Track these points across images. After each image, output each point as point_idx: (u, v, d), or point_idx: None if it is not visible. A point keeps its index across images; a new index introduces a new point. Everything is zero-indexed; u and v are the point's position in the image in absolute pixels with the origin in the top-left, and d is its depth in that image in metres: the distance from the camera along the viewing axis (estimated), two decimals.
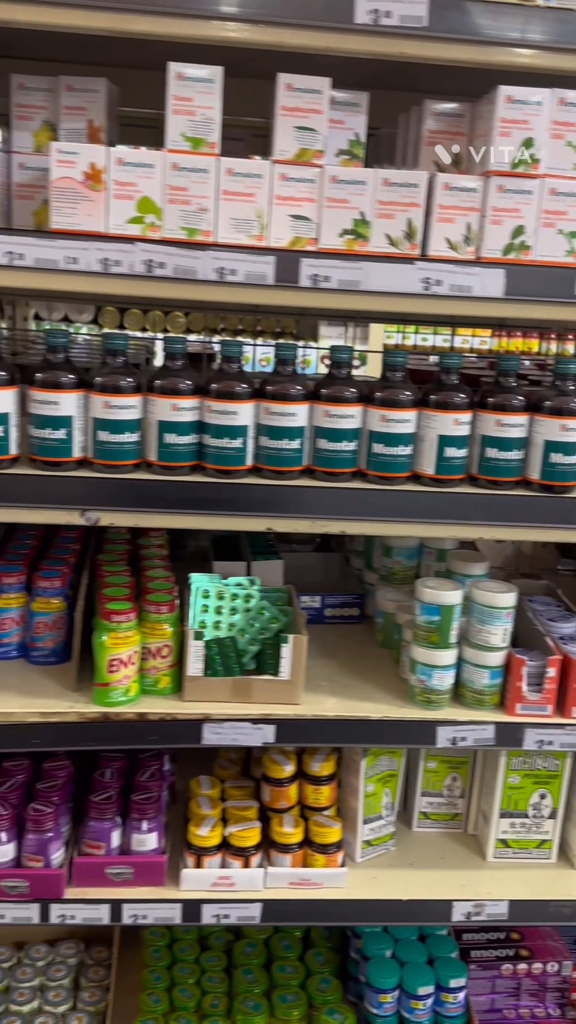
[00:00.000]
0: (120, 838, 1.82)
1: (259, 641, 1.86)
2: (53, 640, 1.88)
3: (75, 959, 2.15)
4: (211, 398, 1.64)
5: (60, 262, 1.50)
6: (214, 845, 1.82)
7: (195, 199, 1.52)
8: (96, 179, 1.49)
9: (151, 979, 2.05)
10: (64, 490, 1.62)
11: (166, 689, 1.79)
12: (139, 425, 1.64)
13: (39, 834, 1.75)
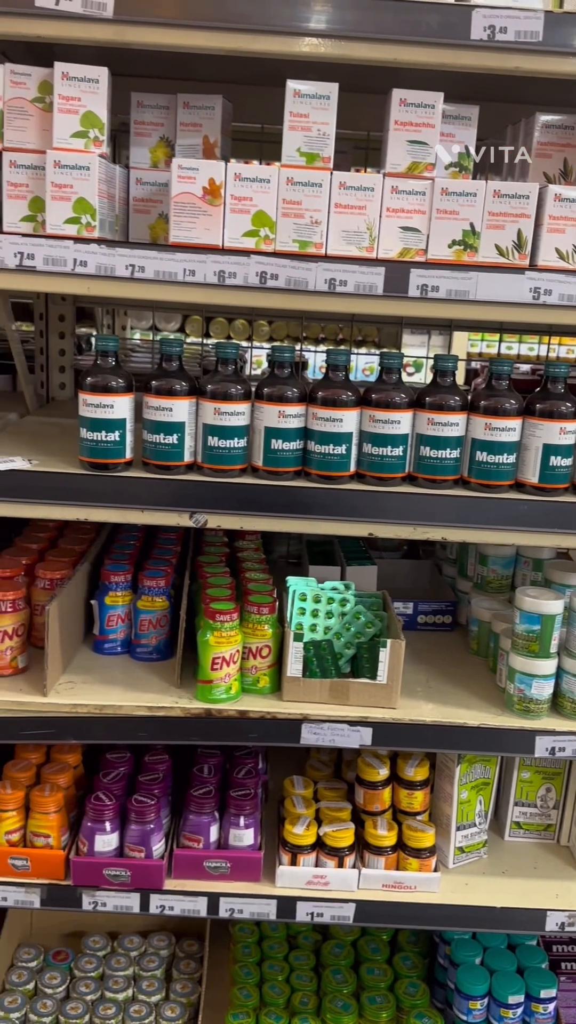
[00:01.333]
0: (218, 833, 1.87)
1: (355, 645, 1.89)
2: (156, 637, 1.94)
3: (167, 951, 2.21)
4: (317, 405, 1.68)
5: (179, 274, 1.56)
6: (309, 844, 1.85)
7: (308, 212, 1.57)
8: (215, 194, 1.55)
9: (241, 974, 2.09)
10: (174, 493, 1.68)
11: (265, 688, 1.83)
12: (247, 431, 1.69)
13: (142, 825, 1.81)
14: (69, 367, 2.45)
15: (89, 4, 1.44)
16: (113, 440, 1.67)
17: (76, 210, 1.55)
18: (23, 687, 1.80)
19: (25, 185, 1.58)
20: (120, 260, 1.55)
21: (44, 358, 2.41)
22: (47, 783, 1.87)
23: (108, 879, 1.81)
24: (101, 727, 1.76)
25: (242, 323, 5.33)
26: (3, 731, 1.76)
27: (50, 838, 1.82)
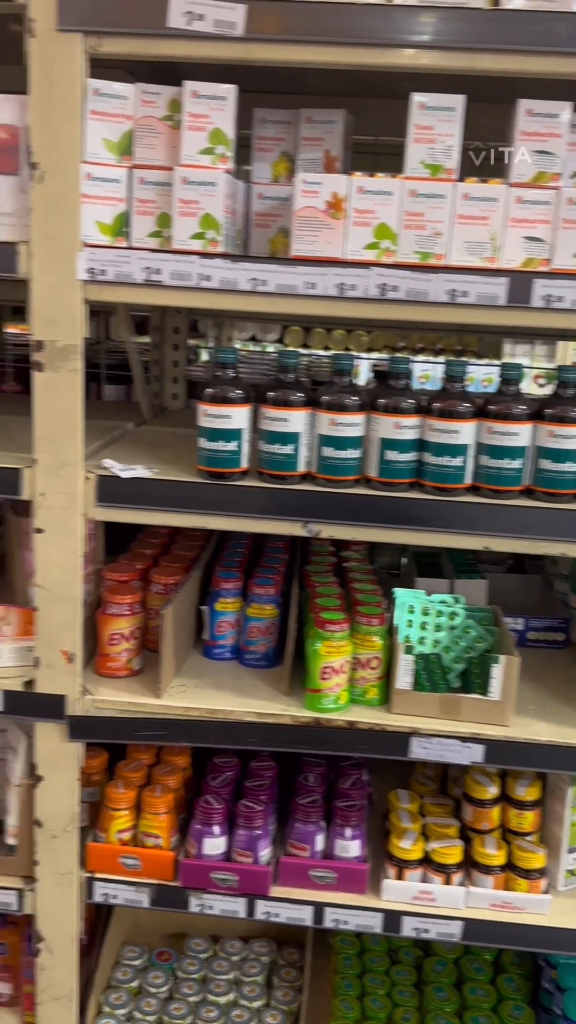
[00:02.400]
0: (324, 842, 1.87)
1: (465, 660, 1.87)
2: (265, 644, 1.96)
3: (268, 958, 2.22)
4: (433, 417, 1.67)
5: (299, 287, 1.58)
6: (416, 859, 1.84)
7: (430, 224, 1.56)
8: (337, 207, 1.56)
9: (343, 985, 2.08)
10: (289, 502, 1.70)
11: (373, 700, 1.83)
12: (361, 442, 1.70)
13: (250, 830, 1.83)
14: (182, 378, 2.50)
15: (220, 24, 1.48)
16: (230, 450, 1.70)
17: (202, 226, 1.59)
18: (137, 688, 1.84)
19: (153, 201, 1.62)
20: (243, 274, 1.58)
21: (159, 369, 2.47)
22: (158, 784, 1.91)
23: (215, 883, 1.83)
24: (212, 731, 1.79)
25: (340, 333, 5.35)
26: (119, 731, 1.81)
27: (160, 839, 1.86)
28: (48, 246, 1.59)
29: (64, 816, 1.84)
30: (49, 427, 1.69)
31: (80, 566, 1.76)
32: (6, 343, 2.84)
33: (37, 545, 1.75)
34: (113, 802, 1.87)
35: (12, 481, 1.73)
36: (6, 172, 1.61)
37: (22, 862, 1.89)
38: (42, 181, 1.56)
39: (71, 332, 1.64)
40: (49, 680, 1.79)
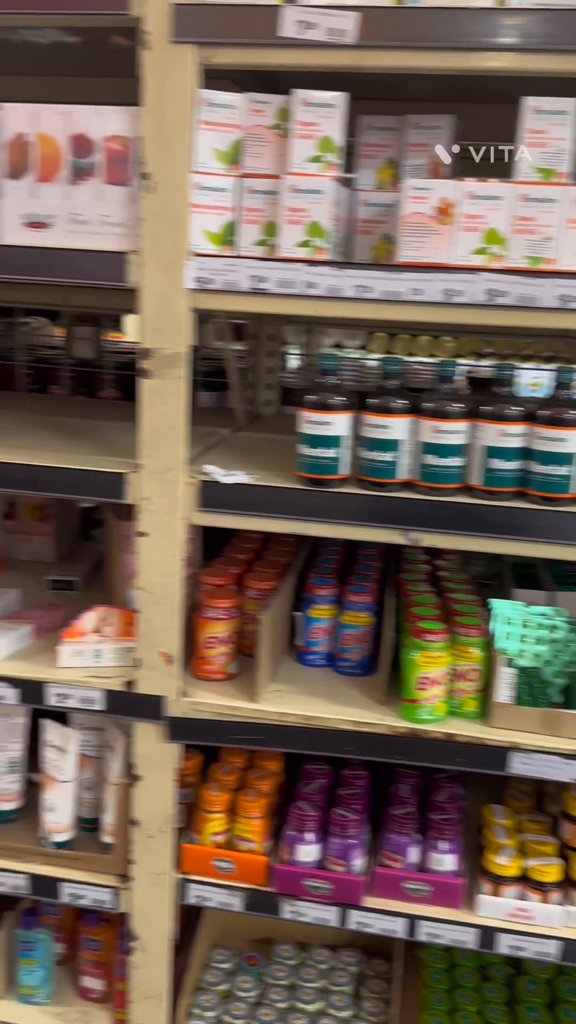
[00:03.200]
0: (418, 855, 1.85)
1: (567, 675, 1.82)
2: (360, 652, 1.95)
3: (356, 968, 2.20)
4: (541, 425, 1.64)
5: (404, 293, 1.57)
6: (512, 876, 1.80)
7: (541, 228, 1.54)
8: (446, 213, 1.55)
9: (432, 1000, 2.05)
10: (389, 510, 1.69)
11: (471, 713, 1.80)
12: (465, 450, 1.68)
13: (344, 839, 1.82)
14: (276, 385, 2.52)
15: (332, 32, 1.48)
16: (331, 457, 1.70)
17: (308, 233, 1.60)
18: (233, 692, 1.85)
19: (260, 210, 1.64)
20: (348, 281, 1.58)
21: (253, 376, 2.49)
22: (252, 788, 1.91)
23: (308, 890, 1.83)
24: (307, 738, 1.79)
25: (426, 339, 5.30)
26: (215, 733, 1.82)
27: (254, 843, 1.87)
28: (158, 255, 1.62)
29: (160, 816, 1.86)
30: (154, 433, 1.72)
31: (181, 569, 1.78)
32: (104, 351, 2.91)
33: (140, 548, 1.78)
34: (208, 805, 1.88)
35: (117, 485, 1.76)
36: (117, 183, 1.65)
37: (118, 860, 1.92)
38: (153, 191, 1.59)
39: (178, 340, 1.66)
40: (149, 681, 1.82)
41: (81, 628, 1.92)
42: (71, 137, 1.64)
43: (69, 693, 1.85)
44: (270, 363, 2.50)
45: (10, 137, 1.65)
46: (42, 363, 2.84)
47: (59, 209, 1.67)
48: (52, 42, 2.17)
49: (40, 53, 2.15)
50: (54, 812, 1.95)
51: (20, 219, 1.68)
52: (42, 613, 2.09)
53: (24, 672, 1.88)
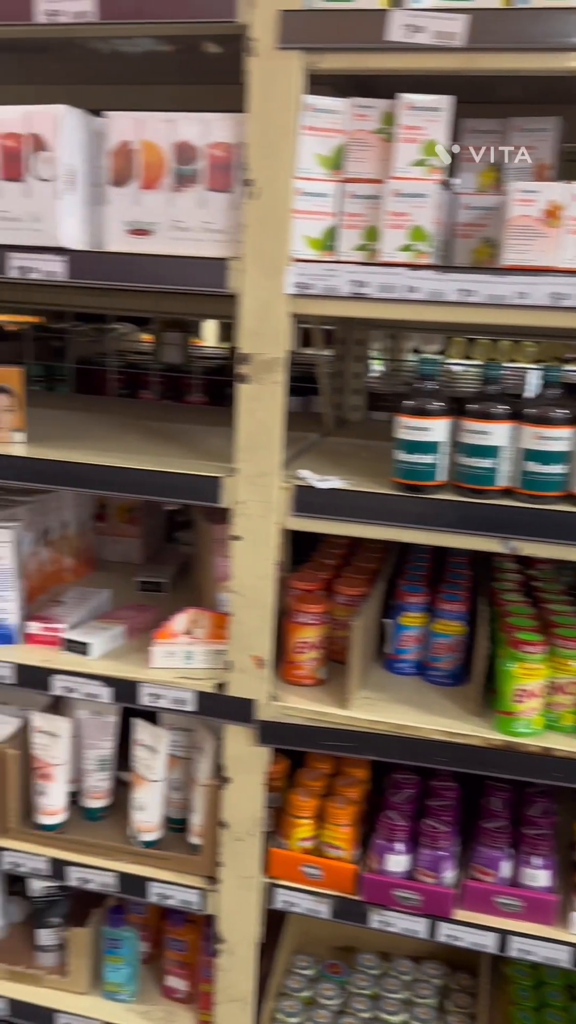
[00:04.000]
0: (509, 869, 1.81)
1: None
2: (451, 662, 1.93)
3: (440, 981, 2.18)
4: None
5: (509, 297, 1.55)
6: None
7: None
8: (554, 216, 1.52)
9: (519, 1017, 2.01)
10: (488, 517, 1.66)
11: (569, 727, 1.75)
12: (568, 457, 1.64)
13: (434, 850, 1.80)
14: (362, 390, 2.51)
15: (440, 35, 1.47)
16: (428, 463, 1.68)
17: (411, 237, 1.58)
18: (323, 698, 1.85)
19: (361, 215, 1.63)
20: (451, 285, 1.56)
21: (340, 381, 2.49)
22: (341, 795, 1.90)
23: (397, 900, 1.81)
24: (399, 747, 1.77)
25: (507, 344, 5.23)
26: (306, 739, 1.82)
27: (342, 851, 1.85)
28: (259, 262, 1.63)
29: (249, 819, 1.87)
30: (250, 438, 1.72)
31: (273, 574, 1.79)
32: (192, 356, 2.94)
33: (233, 552, 1.78)
34: (296, 810, 1.88)
35: (213, 489, 1.77)
36: (219, 189, 1.66)
37: (206, 862, 1.93)
38: (256, 197, 1.60)
39: (276, 345, 1.67)
40: (240, 684, 1.83)
41: (172, 629, 1.94)
42: (175, 144, 1.66)
43: (162, 693, 1.87)
44: (357, 368, 2.49)
45: (115, 145, 1.68)
46: (131, 368, 2.88)
47: (161, 216, 1.69)
48: (143, 51, 2.21)
49: (128, 62, 2.19)
50: (143, 811, 1.97)
51: (123, 226, 1.71)
52: (133, 614, 2.12)
53: (118, 671, 1.90)
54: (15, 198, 1.69)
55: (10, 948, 2.21)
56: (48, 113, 1.64)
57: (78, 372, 2.91)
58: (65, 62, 2.21)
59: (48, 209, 1.67)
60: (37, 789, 2.01)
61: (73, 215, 1.70)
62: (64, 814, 2.03)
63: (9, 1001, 2.09)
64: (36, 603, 2.15)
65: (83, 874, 1.97)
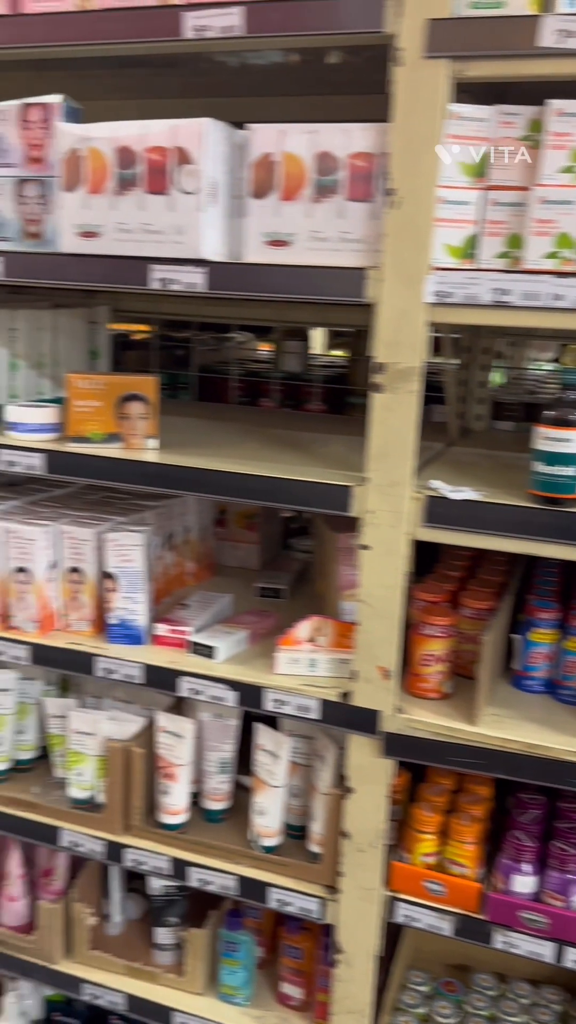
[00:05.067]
0: None
1: None
2: None
3: (560, 1006, 2.11)
4: None
5: None
6: None
7: None
8: None
9: None
10: None
11: None
12: None
13: (563, 873, 1.75)
14: (487, 399, 2.47)
15: None
16: (569, 475, 1.64)
17: (556, 245, 1.55)
18: (449, 712, 1.82)
19: (504, 223, 1.61)
20: None
21: (464, 390, 2.46)
22: (465, 812, 1.87)
23: (523, 922, 1.77)
24: (531, 766, 1.73)
25: None
26: (432, 753, 1.79)
27: (466, 868, 1.82)
28: (398, 271, 1.62)
29: (371, 831, 1.86)
30: (383, 447, 1.72)
31: (402, 584, 1.77)
32: (311, 365, 2.95)
33: (362, 561, 1.78)
34: (420, 824, 1.86)
35: (342, 498, 1.77)
36: (359, 199, 1.66)
37: (325, 871, 1.93)
38: (398, 207, 1.59)
39: (412, 354, 1.66)
40: (365, 694, 1.82)
41: (296, 636, 1.95)
42: (316, 155, 1.67)
43: (286, 700, 1.88)
44: (482, 377, 2.45)
45: (257, 157, 1.70)
46: (251, 376, 2.92)
47: (300, 227, 1.70)
48: (268, 63, 2.24)
49: (250, 73, 2.22)
50: (264, 816, 1.99)
51: (262, 237, 1.73)
52: (255, 619, 2.14)
53: (243, 676, 1.92)
54: (159, 211, 1.73)
55: (127, 944, 2.26)
56: (193, 127, 1.68)
57: (199, 380, 2.96)
58: (187, 76, 2.26)
59: (191, 222, 1.70)
60: (160, 788, 2.05)
61: (214, 227, 1.73)
62: (186, 814, 2.07)
63: (127, 996, 2.13)
64: (161, 605, 2.19)
65: (204, 875, 2.00)
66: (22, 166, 1.86)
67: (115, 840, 2.07)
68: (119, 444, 1.98)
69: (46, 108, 1.82)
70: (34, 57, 1.87)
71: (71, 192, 1.78)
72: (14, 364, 2.23)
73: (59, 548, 2.07)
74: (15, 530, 2.03)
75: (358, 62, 2.13)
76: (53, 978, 2.20)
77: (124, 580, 2.03)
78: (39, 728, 2.26)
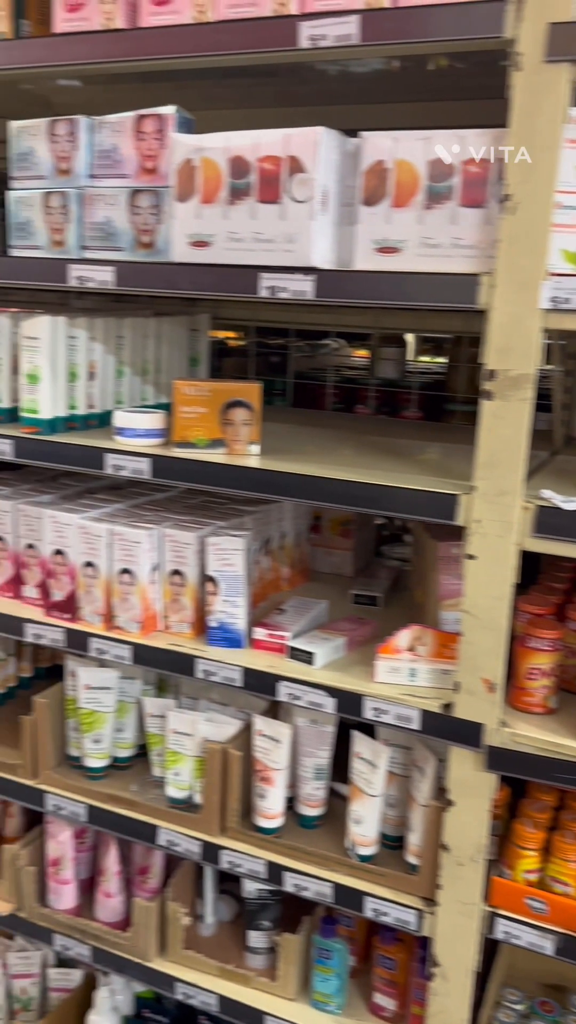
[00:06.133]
0: None
1: None
2: None
3: None
4: None
5: None
6: None
7: None
8: None
9: None
10: None
11: None
12: None
13: None
14: None
15: None
16: None
17: None
18: (555, 728, 1.78)
19: None
20: None
21: (569, 397, 2.41)
22: (569, 830, 1.83)
23: None
24: None
25: None
26: (538, 769, 1.76)
27: (570, 887, 1.78)
28: (513, 277, 1.60)
29: (472, 845, 1.83)
30: (491, 455, 1.69)
31: (509, 595, 1.74)
32: (407, 371, 2.94)
33: (467, 572, 1.76)
34: (522, 840, 1.82)
35: (448, 506, 1.75)
36: (472, 205, 1.64)
37: (424, 883, 1.91)
38: (513, 212, 1.57)
39: (525, 361, 1.63)
40: (468, 706, 1.79)
41: (396, 645, 1.93)
42: (429, 162, 1.66)
43: (386, 709, 1.87)
44: None
45: (369, 164, 1.70)
46: (347, 383, 2.92)
47: (411, 233, 1.69)
48: (369, 70, 2.24)
49: (353, 80, 2.22)
50: (361, 825, 1.98)
51: (372, 245, 1.72)
52: (352, 626, 2.13)
53: (342, 683, 1.92)
54: (270, 220, 1.74)
55: (219, 945, 2.27)
56: (307, 135, 1.69)
57: (295, 386, 2.97)
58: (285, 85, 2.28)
59: (303, 230, 1.71)
60: (257, 792, 2.06)
61: (324, 235, 1.74)
62: (281, 819, 2.07)
63: (219, 997, 2.15)
64: (257, 610, 2.21)
65: (299, 881, 2.00)
66: (135, 177, 1.90)
67: (212, 841, 2.09)
68: (222, 449, 2.00)
69: (160, 119, 1.86)
70: (143, 70, 1.91)
71: (184, 202, 1.81)
72: (120, 371, 2.28)
73: (162, 551, 2.11)
74: (121, 532, 2.07)
75: (462, 68, 2.12)
76: (147, 975, 2.23)
77: (224, 584, 2.05)
78: (137, 727, 2.30)
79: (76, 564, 2.14)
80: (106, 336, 2.21)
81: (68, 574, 2.15)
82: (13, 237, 2.04)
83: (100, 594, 2.12)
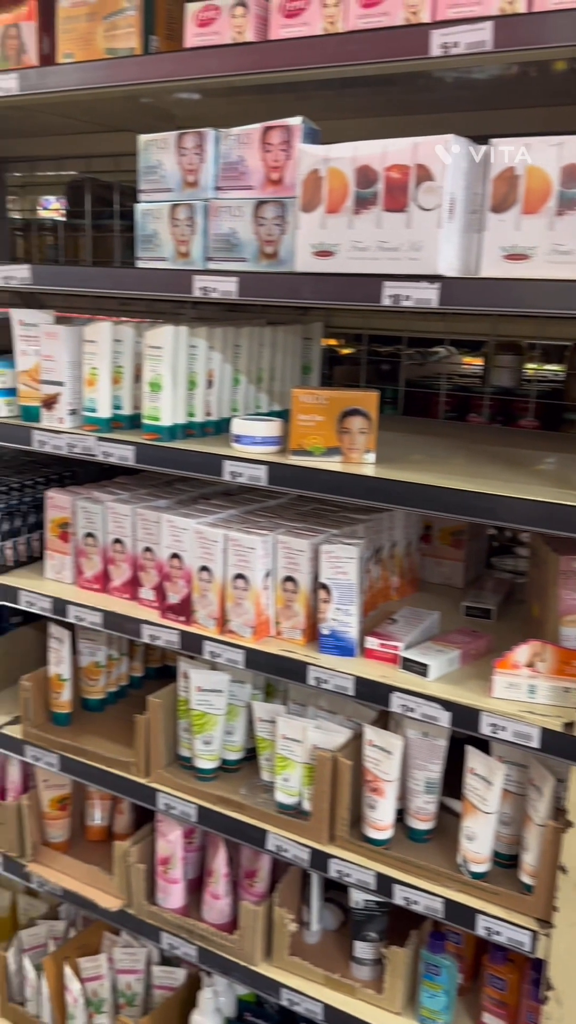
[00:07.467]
0: None
1: None
2: None
3: None
4: None
5: None
6: None
7: None
8: None
9: None
10: None
11: None
12: None
13: None
14: None
15: None
16: None
17: None
18: None
19: None
20: None
21: None
22: None
23: None
24: None
25: None
26: None
27: None
28: None
29: None
30: None
31: None
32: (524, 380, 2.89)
33: None
34: None
35: (570, 518, 1.71)
36: None
37: (539, 904, 1.86)
38: None
39: None
40: None
41: (515, 660, 1.89)
42: (562, 168, 1.62)
43: (503, 725, 1.83)
44: None
45: (499, 171, 1.68)
46: (459, 391, 2.88)
47: (541, 240, 1.66)
48: (489, 76, 2.20)
49: (472, 87, 2.19)
50: (474, 841, 1.95)
51: (500, 252, 1.70)
52: (466, 639, 2.10)
53: (457, 696, 1.89)
54: (396, 228, 1.74)
55: (324, 954, 2.27)
56: (435, 143, 1.68)
57: (406, 394, 2.95)
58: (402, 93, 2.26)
59: (429, 238, 1.70)
60: (367, 802, 2.05)
61: (451, 243, 1.72)
62: (391, 831, 2.06)
63: (324, 1006, 2.14)
64: (368, 619, 2.20)
65: (409, 894, 1.98)
66: (261, 188, 1.93)
67: (320, 849, 2.09)
68: (338, 458, 2.00)
69: (287, 130, 1.88)
70: (270, 82, 1.93)
71: (308, 212, 1.83)
72: (236, 379, 2.31)
73: (275, 558, 2.13)
74: (236, 538, 2.10)
75: None
76: (253, 979, 2.25)
77: (337, 592, 2.06)
78: (247, 730, 2.32)
79: (192, 568, 2.17)
80: (224, 345, 2.24)
81: (184, 578, 2.19)
82: (140, 249, 2.09)
83: (214, 598, 2.15)
